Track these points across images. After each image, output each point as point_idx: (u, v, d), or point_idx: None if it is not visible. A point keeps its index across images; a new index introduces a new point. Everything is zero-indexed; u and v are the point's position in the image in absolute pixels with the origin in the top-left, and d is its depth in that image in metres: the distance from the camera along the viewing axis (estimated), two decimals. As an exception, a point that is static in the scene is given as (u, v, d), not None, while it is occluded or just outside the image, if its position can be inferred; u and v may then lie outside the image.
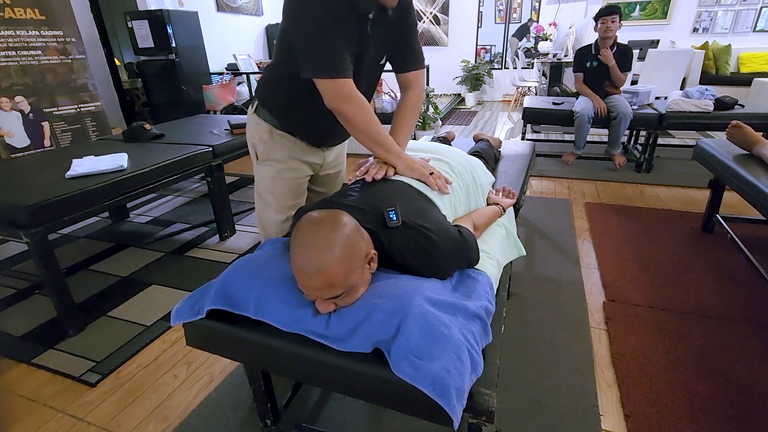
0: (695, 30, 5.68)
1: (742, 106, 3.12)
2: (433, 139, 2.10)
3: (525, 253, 1.32)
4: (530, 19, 6.51)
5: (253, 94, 1.31)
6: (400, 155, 1.14)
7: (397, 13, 1.13)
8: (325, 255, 0.76)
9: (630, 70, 3.27)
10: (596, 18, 3.17)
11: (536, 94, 5.56)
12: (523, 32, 6.60)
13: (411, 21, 1.20)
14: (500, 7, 6.71)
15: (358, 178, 1.13)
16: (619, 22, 3.13)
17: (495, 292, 1.00)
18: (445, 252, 0.91)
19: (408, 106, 1.27)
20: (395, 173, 1.13)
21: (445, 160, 1.25)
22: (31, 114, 2.99)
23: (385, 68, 1.28)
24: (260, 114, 1.24)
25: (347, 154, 1.52)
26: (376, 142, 1.12)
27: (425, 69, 1.37)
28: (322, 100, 1.06)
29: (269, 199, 1.30)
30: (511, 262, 1.28)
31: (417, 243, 0.89)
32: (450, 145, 2.06)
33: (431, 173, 1.11)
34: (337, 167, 1.47)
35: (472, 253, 1.00)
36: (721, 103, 3.06)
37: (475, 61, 7.02)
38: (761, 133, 1.95)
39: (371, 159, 1.18)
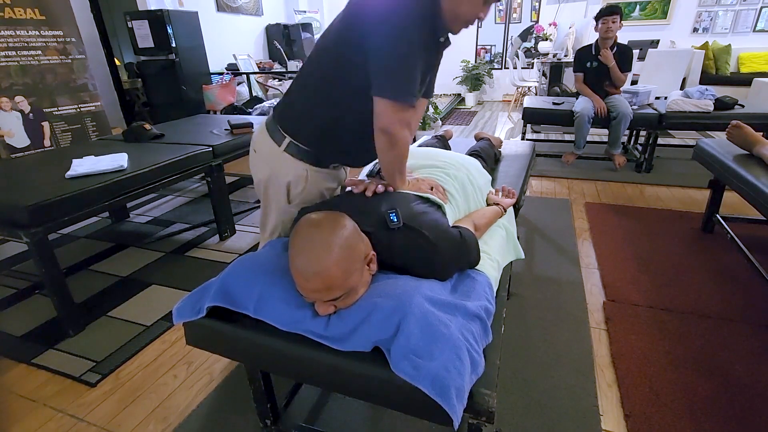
0: (695, 30, 5.68)
1: (742, 106, 3.12)
2: (431, 138, 2.10)
3: (523, 256, 1.32)
4: (535, 22, 6.51)
5: (277, 125, 1.14)
6: (405, 180, 1.13)
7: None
8: (323, 257, 0.76)
9: (630, 70, 3.27)
10: (597, 18, 3.17)
11: (536, 94, 5.55)
12: (527, 33, 6.60)
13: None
14: (500, 7, 6.71)
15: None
16: (620, 22, 3.13)
17: (495, 292, 1.00)
18: (445, 253, 0.91)
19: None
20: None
21: (440, 166, 1.26)
22: (31, 114, 2.99)
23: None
24: (293, 152, 1.12)
25: None
26: (400, 170, 1.08)
27: None
28: (370, 116, 1.01)
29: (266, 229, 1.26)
30: (511, 262, 1.28)
31: (417, 244, 0.90)
32: (447, 143, 2.07)
33: (431, 188, 1.13)
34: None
35: (472, 253, 1.01)
36: (721, 103, 3.06)
37: (475, 61, 7.02)
38: (761, 133, 1.95)
39: (365, 178, 1.16)
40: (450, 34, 1.05)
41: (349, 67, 0.99)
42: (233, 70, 5.12)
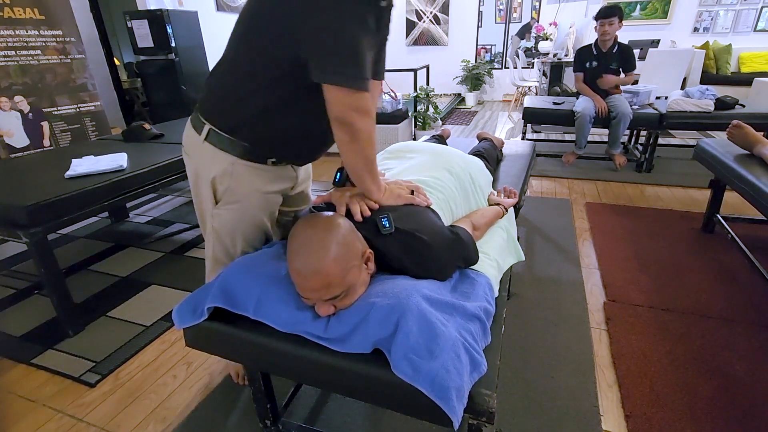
0: (696, 30, 5.67)
1: (743, 106, 3.12)
2: (429, 138, 2.10)
3: (524, 258, 1.31)
4: (533, 18, 6.51)
5: (198, 112, 1.00)
6: (381, 186, 0.98)
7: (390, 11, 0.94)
8: (321, 255, 0.76)
9: (634, 68, 3.26)
10: (596, 18, 3.17)
11: (536, 94, 5.55)
12: (524, 31, 6.60)
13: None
14: (500, 7, 6.70)
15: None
16: (620, 22, 3.11)
17: (495, 293, 1.00)
18: (439, 252, 0.91)
19: None
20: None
21: (439, 160, 1.25)
22: (30, 114, 2.98)
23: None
24: (215, 141, 0.97)
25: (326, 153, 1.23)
26: (369, 170, 0.93)
27: None
28: (313, 109, 0.90)
29: (235, 242, 1.06)
30: (511, 261, 1.28)
31: (411, 247, 0.89)
32: (445, 142, 2.06)
33: (412, 192, 1.03)
34: (307, 180, 1.28)
35: (468, 251, 1.00)
36: (721, 103, 3.06)
37: (476, 61, 7.01)
38: (762, 133, 1.95)
39: (333, 192, 1.02)
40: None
41: (278, 49, 0.86)
42: (233, 69, 5.10)
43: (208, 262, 1.15)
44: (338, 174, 1.04)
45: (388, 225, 0.90)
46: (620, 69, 3.25)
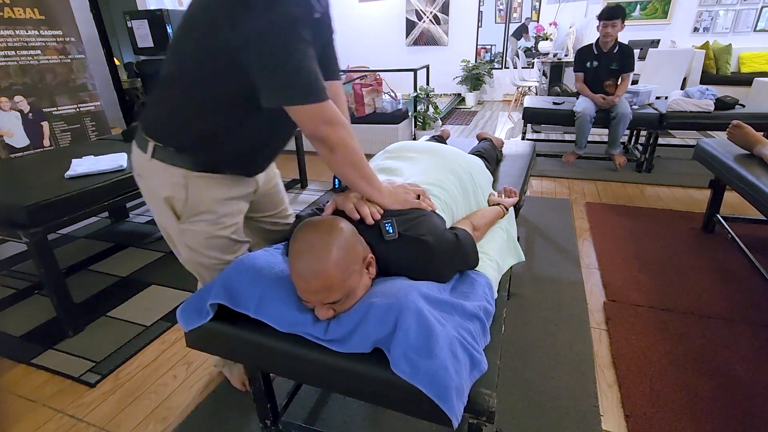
0: (696, 30, 5.67)
1: (743, 106, 3.12)
2: (428, 139, 2.10)
3: (524, 259, 1.31)
4: (528, 18, 6.50)
5: (140, 128, 0.98)
6: (382, 189, 0.95)
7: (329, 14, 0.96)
8: (322, 258, 0.76)
9: (633, 69, 3.26)
10: (599, 18, 3.16)
11: (536, 94, 5.55)
12: (520, 32, 6.60)
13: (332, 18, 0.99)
14: (500, 7, 6.70)
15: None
16: (622, 24, 3.11)
17: (495, 293, 0.99)
18: (442, 257, 0.91)
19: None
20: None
21: (440, 160, 1.25)
22: (30, 114, 2.98)
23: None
24: (163, 157, 0.93)
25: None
26: (361, 175, 0.91)
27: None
28: (262, 126, 0.91)
29: (208, 255, 1.04)
30: (511, 261, 1.28)
31: (413, 253, 0.89)
32: (445, 143, 2.06)
33: (418, 197, 1.02)
34: (273, 179, 1.23)
35: (469, 255, 1.00)
36: (721, 103, 3.06)
37: (476, 61, 7.01)
38: (762, 133, 1.95)
39: (336, 198, 0.99)
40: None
41: (223, 74, 0.83)
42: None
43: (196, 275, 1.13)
44: (336, 179, 1.01)
45: (392, 231, 0.89)
46: (620, 69, 3.24)
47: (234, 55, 0.80)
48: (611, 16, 3.07)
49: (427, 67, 4.60)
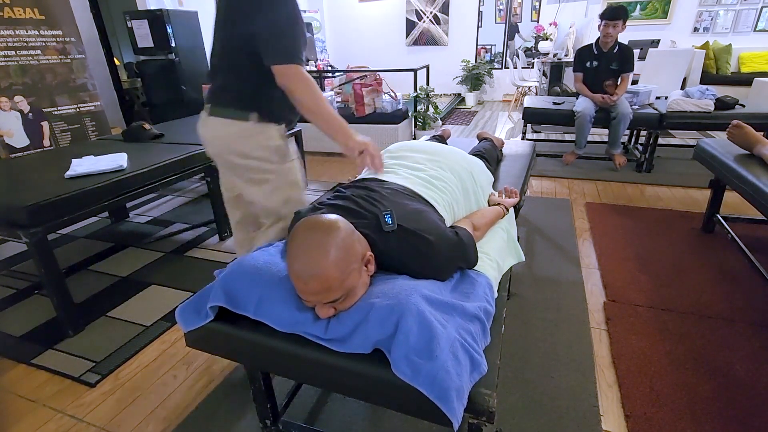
0: (696, 30, 5.67)
1: (743, 106, 3.12)
2: (429, 138, 2.10)
3: (524, 259, 1.31)
4: (514, 15, 6.46)
5: (244, 104, 1.25)
6: (348, 133, 1.20)
7: None
8: (320, 259, 0.76)
9: (632, 70, 3.26)
10: (601, 17, 3.15)
11: (536, 94, 5.55)
12: (513, 32, 6.59)
13: None
14: (500, 7, 6.70)
15: (359, 177, 1.13)
16: (623, 25, 3.10)
17: (495, 293, 1.00)
18: (441, 253, 0.91)
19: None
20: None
21: (441, 160, 1.25)
22: (30, 114, 2.98)
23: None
24: (267, 120, 1.25)
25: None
26: (322, 117, 1.18)
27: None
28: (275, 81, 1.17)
29: (300, 187, 1.37)
30: (511, 261, 1.28)
31: (413, 246, 0.90)
32: (446, 143, 2.06)
33: (361, 152, 1.20)
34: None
35: (469, 253, 1.00)
36: (721, 103, 3.06)
37: (476, 61, 7.01)
38: (762, 133, 1.95)
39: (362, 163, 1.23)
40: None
41: (250, 42, 1.14)
42: (233, 69, 5.09)
43: (272, 228, 1.37)
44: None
45: (390, 222, 0.90)
46: (620, 69, 3.24)
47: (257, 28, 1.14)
48: (614, 16, 3.06)
49: (427, 67, 4.60)
